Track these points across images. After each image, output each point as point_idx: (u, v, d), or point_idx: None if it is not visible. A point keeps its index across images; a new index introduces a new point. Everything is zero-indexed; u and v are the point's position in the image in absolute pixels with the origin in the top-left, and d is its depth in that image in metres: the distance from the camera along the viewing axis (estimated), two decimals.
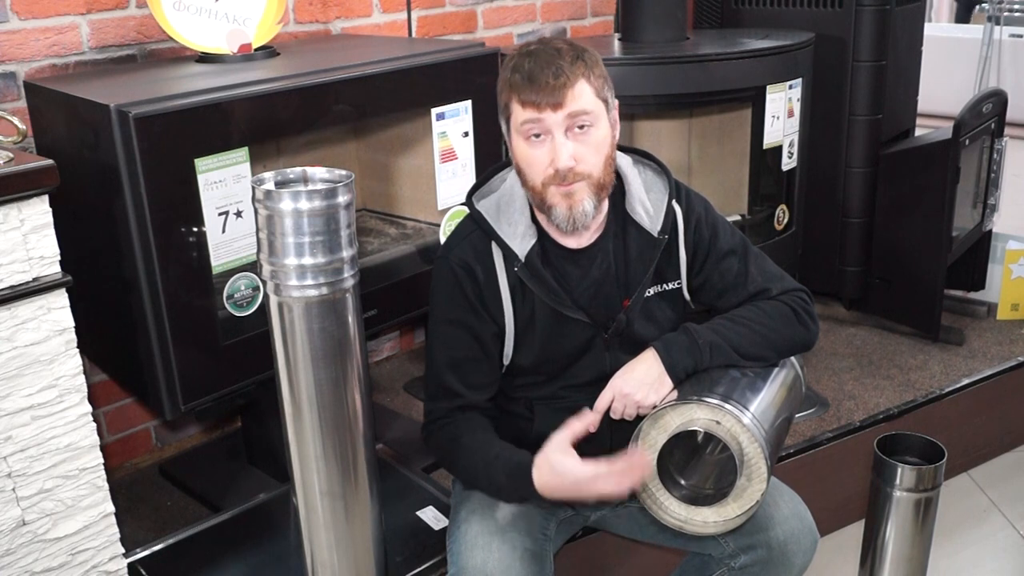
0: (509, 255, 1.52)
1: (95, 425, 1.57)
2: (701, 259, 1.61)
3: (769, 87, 2.35)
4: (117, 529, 1.64)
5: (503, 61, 1.52)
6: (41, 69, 1.97)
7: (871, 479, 1.99)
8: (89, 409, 1.55)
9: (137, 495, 2.21)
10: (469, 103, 2.08)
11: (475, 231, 1.56)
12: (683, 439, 1.46)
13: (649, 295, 1.59)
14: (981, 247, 2.94)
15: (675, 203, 1.58)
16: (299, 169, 1.43)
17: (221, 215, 1.70)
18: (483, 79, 2.05)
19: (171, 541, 1.88)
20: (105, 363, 2.06)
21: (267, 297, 1.42)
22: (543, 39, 1.49)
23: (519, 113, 1.45)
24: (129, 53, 2.09)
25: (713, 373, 1.50)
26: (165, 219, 1.63)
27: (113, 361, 1.99)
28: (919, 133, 3.00)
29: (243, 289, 1.76)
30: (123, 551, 1.67)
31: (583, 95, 1.43)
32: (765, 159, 2.47)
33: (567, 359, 1.59)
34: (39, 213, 1.44)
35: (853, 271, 2.87)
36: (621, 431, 1.51)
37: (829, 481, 2.30)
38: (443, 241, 1.78)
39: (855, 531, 2.21)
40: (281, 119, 1.78)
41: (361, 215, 2.41)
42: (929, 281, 2.69)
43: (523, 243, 1.52)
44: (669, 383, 1.49)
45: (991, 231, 2.96)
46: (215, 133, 1.67)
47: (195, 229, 1.67)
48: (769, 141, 2.42)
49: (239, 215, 1.72)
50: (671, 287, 1.61)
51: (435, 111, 2.03)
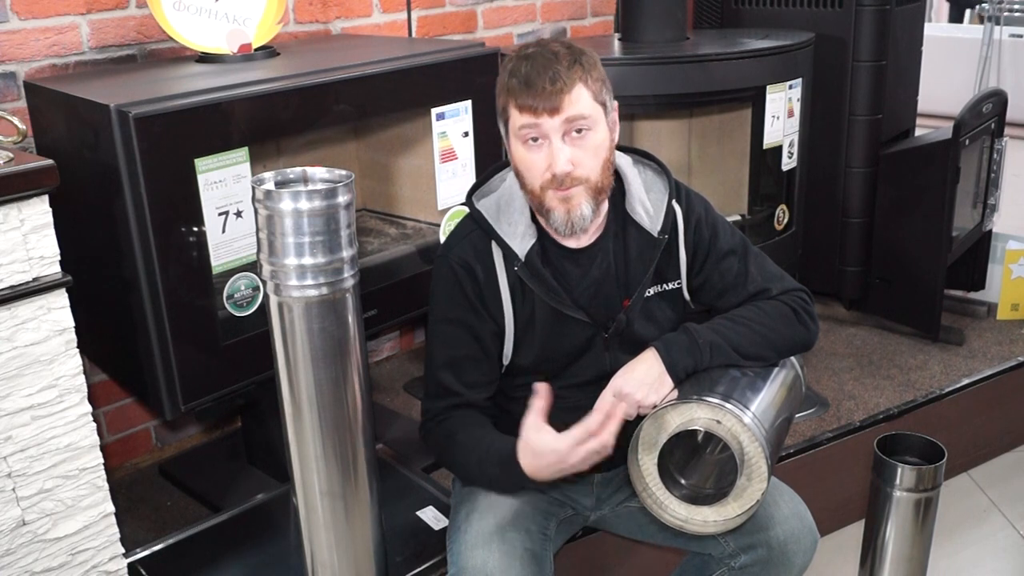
0: (509, 254, 1.52)
1: (95, 425, 1.57)
2: (701, 259, 1.61)
3: (769, 87, 2.35)
4: (117, 529, 1.64)
5: (503, 61, 1.52)
6: (41, 69, 1.97)
7: (871, 479, 1.99)
8: (89, 409, 1.55)
9: (137, 495, 2.21)
10: (469, 103, 2.08)
11: (475, 230, 1.56)
12: (683, 439, 1.47)
13: (649, 295, 1.59)
14: (981, 247, 2.94)
15: (675, 203, 1.58)
16: (299, 169, 1.43)
17: (221, 215, 1.70)
18: (483, 79, 2.05)
19: (171, 541, 1.88)
20: (105, 363, 2.06)
21: (267, 297, 1.42)
22: (541, 41, 1.49)
23: (516, 118, 1.45)
24: (129, 53, 2.09)
25: (713, 373, 1.50)
26: (165, 219, 1.63)
27: (113, 361, 1.99)
28: (919, 133, 3.00)
29: (243, 289, 1.76)
30: (123, 551, 1.67)
31: (580, 100, 1.43)
32: (765, 159, 2.47)
33: (567, 359, 1.59)
34: (39, 213, 1.44)
35: (853, 271, 2.87)
36: (621, 431, 1.50)
37: (829, 481, 2.30)
38: (443, 240, 1.78)
39: (855, 531, 2.21)
40: (281, 119, 1.78)
41: (361, 215, 2.41)
42: (929, 281, 2.69)
43: (523, 242, 1.52)
44: (669, 383, 1.49)
45: (991, 231, 2.96)
46: (215, 133, 1.67)
47: (195, 229, 1.67)
48: (769, 141, 2.42)
49: (239, 215, 1.72)
50: (671, 287, 1.61)
51: (435, 111, 2.03)
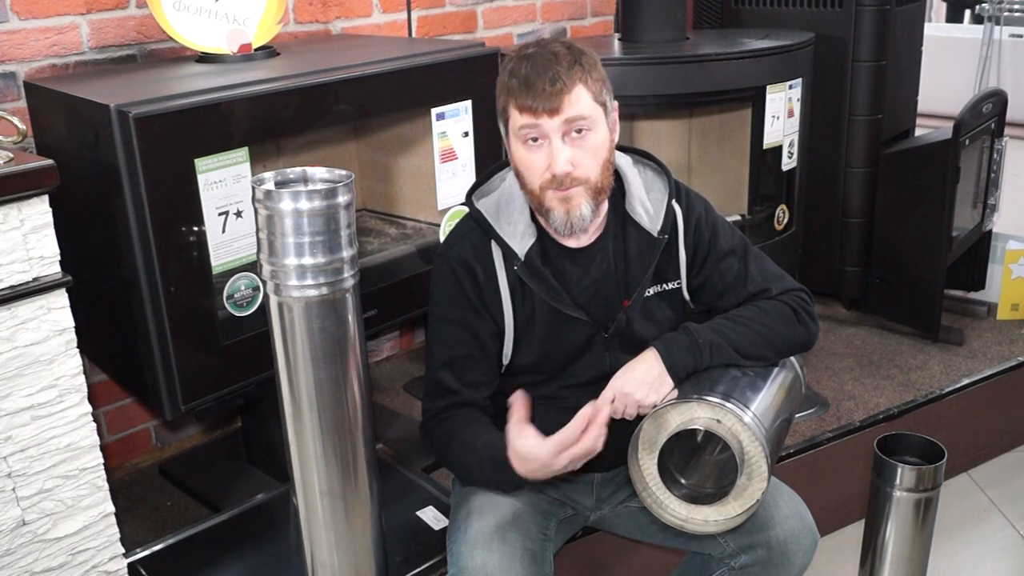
0: (509, 254, 1.52)
1: (95, 425, 1.57)
2: (701, 259, 1.61)
3: (769, 87, 2.35)
4: (117, 529, 1.64)
5: (503, 61, 1.52)
6: (41, 69, 1.97)
7: (871, 479, 1.98)
8: (89, 409, 1.55)
9: (137, 495, 2.21)
10: (469, 103, 2.08)
11: (475, 230, 1.56)
12: (683, 439, 1.47)
13: (649, 295, 1.59)
14: (981, 247, 2.94)
15: (675, 203, 1.58)
16: (299, 169, 1.43)
17: (221, 215, 1.70)
18: (483, 79, 2.05)
19: (171, 541, 1.88)
20: (105, 363, 2.06)
21: (267, 297, 1.42)
22: (541, 41, 1.49)
23: (516, 118, 1.45)
24: (129, 53, 2.09)
25: (713, 372, 1.50)
26: (165, 219, 1.63)
27: (113, 361, 1.99)
28: (919, 133, 3.00)
29: (243, 289, 1.76)
30: (123, 551, 1.67)
31: (580, 100, 1.42)
32: (765, 159, 2.47)
33: (566, 358, 1.59)
34: (39, 213, 1.44)
35: (853, 271, 2.87)
36: (621, 431, 1.50)
37: (829, 481, 2.30)
38: (443, 240, 1.78)
39: (855, 531, 2.21)
40: (281, 119, 1.78)
41: (361, 215, 2.41)
42: (929, 281, 2.69)
43: (523, 242, 1.52)
44: (669, 382, 1.49)
45: (991, 231, 2.96)
46: (215, 133, 1.67)
47: (195, 229, 1.67)
48: (769, 141, 2.42)
49: (239, 215, 1.72)
50: (671, 287, 1.61)
51: (435, 111, 2.03)
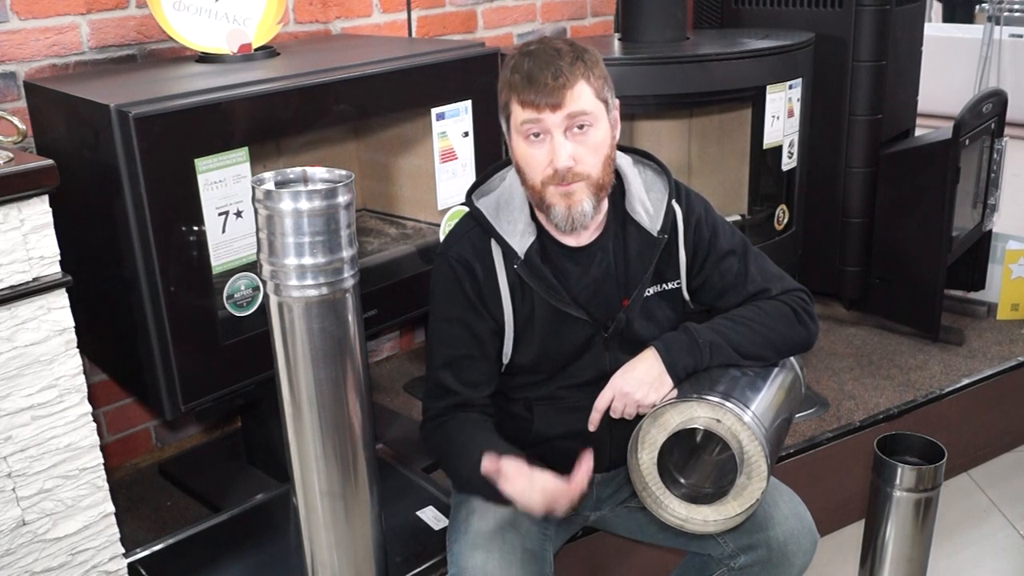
0: (508, 253, 1.52)
1: (95, 425, 1.57)
2: (701, 259, 1.61)
3: (769, 87, 2.35)
4: (117, 529, 1.65)
5: (503, 61, 1.52)
6: (41, 69, 1.97)
7: (871, 479, 1.98)
8: (89, 409, 1.55)
9: (137, 495, 2.21)
10: (469, 103, 2.08)
11: (474, 228, 1.56)
12: (682, 438, 1.47)
13: (648, 295, 1.59)
14: (981, 247, 2.94)
15: (675, 203, 1.58)
16: (299, 169, 1.43)
17: (221, 215, 1.70)
18: (483, 79, 2.05)
19: (171, 541, 1.88)
20: (105, 363, 2.06)
21: (267, 297, 1.42)
22: (543, 38, 1.49)
23: (519, 113, 1.45)
24: (129, 53, 2.09)
25: (713, 372, 1.50)
26: (165, 219, 1.63)
27: (113, 361, 1.99)
28: (919, 133, 3.00)
29: (243, 289, 1.76)
30: (123, 551, 1.67)
31: (582, 96, 1.43)
32: (765, 159, 2.47)
33: (566, 358, 1.59)
34: (39, 213, 1.44)
35: (853, 271, 2.87)
36: (621, 430, 1.51)
37: (829, 481, 2.30)
38: (442, 239, 1.78)
39: (855, 531, 2.21)
40: (281, 119, 1.78)
41: (361, 215, 2.41)
42: (929, 281, 2.69)
43: (522, 241, 1.52)
44: (669, 382, 1.49)
45: (991, 231, 2.96)
46: (215, 133, 1.67)
47: (195, 229, 1.67)
48: (769, 141, 2.42)
49: (239, 215, 1.72)
50: (671, 287, 1.61)
51: (435, 111, 2.03)
